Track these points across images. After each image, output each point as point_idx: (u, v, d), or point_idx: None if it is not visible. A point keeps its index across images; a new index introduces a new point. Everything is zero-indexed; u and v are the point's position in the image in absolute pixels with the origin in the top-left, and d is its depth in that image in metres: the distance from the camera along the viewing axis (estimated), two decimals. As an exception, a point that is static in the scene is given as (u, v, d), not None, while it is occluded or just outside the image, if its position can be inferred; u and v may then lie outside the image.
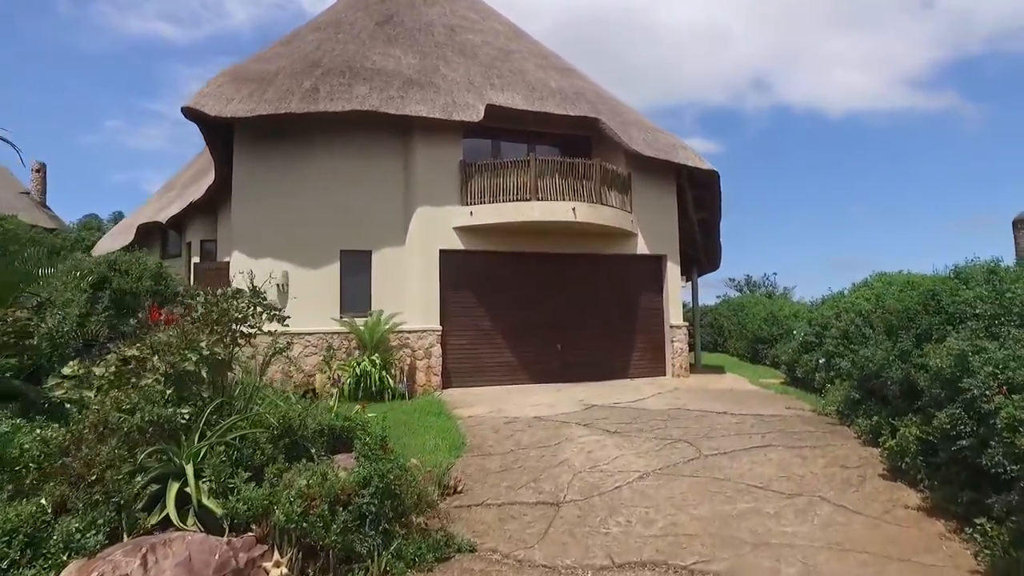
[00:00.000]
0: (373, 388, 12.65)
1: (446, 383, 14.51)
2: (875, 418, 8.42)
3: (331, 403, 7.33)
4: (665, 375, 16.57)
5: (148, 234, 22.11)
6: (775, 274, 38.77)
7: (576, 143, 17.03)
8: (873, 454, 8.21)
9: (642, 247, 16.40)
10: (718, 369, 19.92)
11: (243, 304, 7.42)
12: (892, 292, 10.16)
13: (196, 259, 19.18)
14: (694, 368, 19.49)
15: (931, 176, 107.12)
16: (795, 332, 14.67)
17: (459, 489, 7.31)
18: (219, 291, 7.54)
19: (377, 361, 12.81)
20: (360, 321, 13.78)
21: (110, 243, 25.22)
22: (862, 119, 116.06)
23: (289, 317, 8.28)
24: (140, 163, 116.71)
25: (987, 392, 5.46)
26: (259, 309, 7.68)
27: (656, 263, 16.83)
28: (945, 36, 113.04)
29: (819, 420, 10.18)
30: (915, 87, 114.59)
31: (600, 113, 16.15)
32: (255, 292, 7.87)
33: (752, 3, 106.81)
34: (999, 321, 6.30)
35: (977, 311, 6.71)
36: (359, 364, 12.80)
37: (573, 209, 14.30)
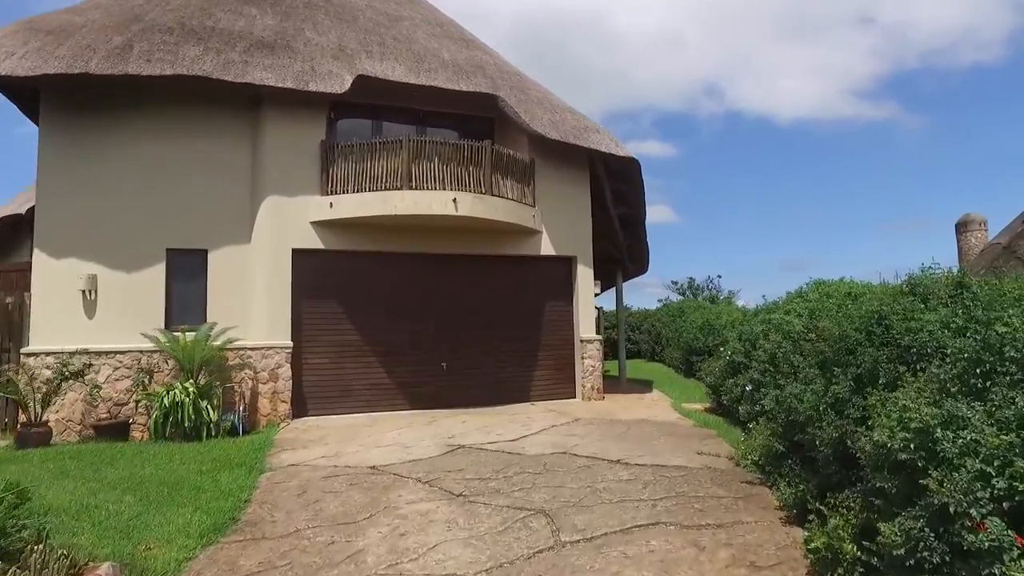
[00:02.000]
0: (187, 423, 9.93)
1: (299, 411, 11.86)
2: (801, 487, 6.03)
3: None
4: (574, 397, 14.13)
5: (15, 228, 19.04)
6: (719, 277, 36.73)
7: (476, 126, 14.53)
8: (796, 540, 5.78)
9: (547, 247, 13.92)
10: (645, 386, 17.59)
11: None
12: (829, 307, 7.83)
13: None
14: (617, 386, 17.14)
15: (874, 182, 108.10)
16: (723, 349, 12.33)
17: (159, 619, 4.71)
18: None
19: (190, 388, 10.07)
20: (188, 336, 11.02)
21: (-29, 239, 22.07)
22: (809, 127, 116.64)
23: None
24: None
25: (973, 510, 3.04)
26: None
27: (564, 266, 14.37)
28: (885, 50, 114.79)
29: (734, 476, 7.76)
30: (859, 97, 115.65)
31: (499, 89, 13.65)
32: None
33: (704, 13, 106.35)
34: (984, 368, 3.89)
35: (948, 350, 4.30)
36: (168, 392, 10.06)
37: (454, 200, 11.76)
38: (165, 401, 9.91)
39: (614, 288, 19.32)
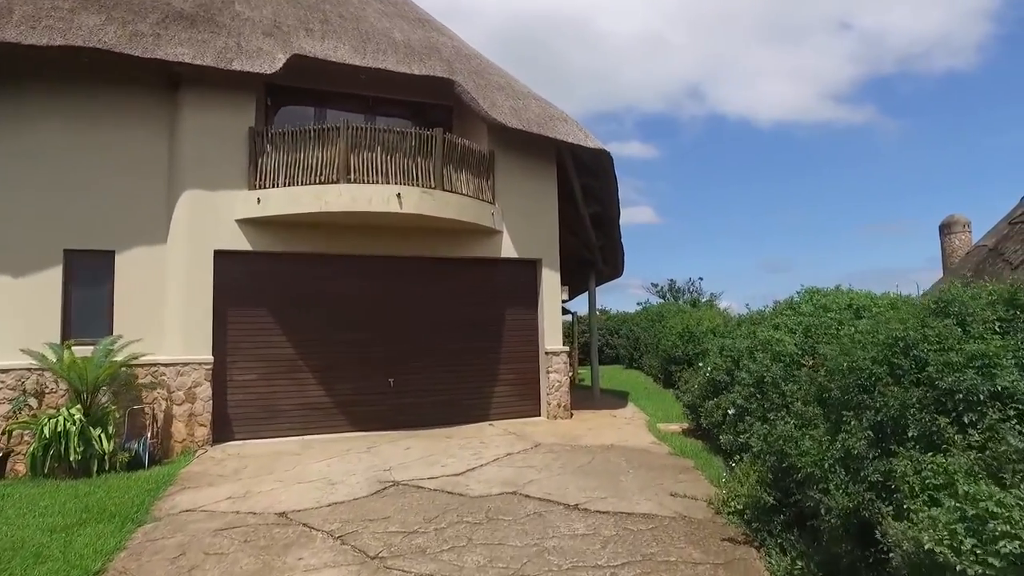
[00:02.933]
0: (73, 456, 8.41)
1: (222, 435, 10.40)
2: (799, 563, 4.66)
3: None
4: (539, 415, 12.73)
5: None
6: (701, 279, 35.25)
7: (433, 115, 13.12)
8: (795, 635, 4.43)
9: (508, 249, 12.51)
10: (619, 399, 16.25)
11: None
12: (828, 324, 6.50)
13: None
14: (589, 398, 15.80)
15: (853, 184, 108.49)
16: (702, 364, 11.00)
17: None
18: None
19: (77, 415, 8.56)
20: (84, 351, 9.50)
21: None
22: (790, 129, 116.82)
23: None
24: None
25: None
26: None
27: (528, 270, 12.96)
28: (863, 55, 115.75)
29: (713, 529, 6.38)
30: (838, 100, 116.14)
31: (456, 73, 12.23)
32: None
33: (687, 16, 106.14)
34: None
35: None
36: (50, 419, 8.54)
37: (398, 195, 10.32)
38: (45, 430, 8.38)
39: (588, 292, 17.90)
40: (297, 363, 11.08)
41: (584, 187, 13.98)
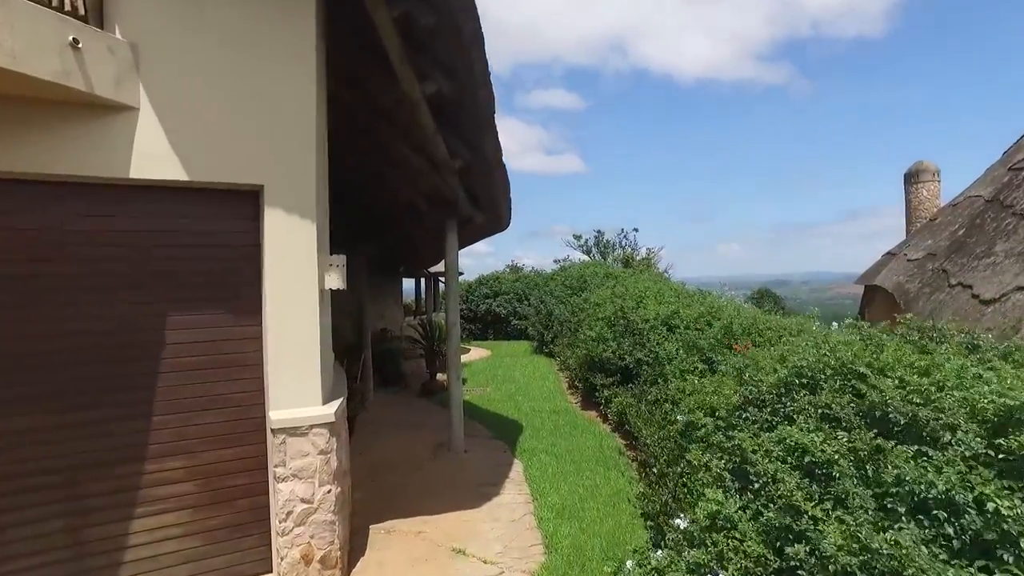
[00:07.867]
0: None
1: None
2: None
3: None
4: (269, 572, 5.15)
5: None
6: (636, 231, 27.70)
7: None
8: None
9: (161, 158, 4.65)
10: (496, 453, 8.97)
11: None
12: None
13: None
14: (438, 459, 8.45)
15: (771, 140, 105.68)
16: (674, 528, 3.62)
17: None
18: None
19: None
20: None
21: None
22: (710, 86, 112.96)
23: None
24: None
25: None
26: None
27: (232, 214, 5.13)
28: (779, 16, 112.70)
29: None
30: (758, 59, 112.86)
31: None
32: None
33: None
34: None
35: None
36: None
37: None
38: None
39: (447, 252, 10.18)
40: None
41: (408, 37, 6.14)
